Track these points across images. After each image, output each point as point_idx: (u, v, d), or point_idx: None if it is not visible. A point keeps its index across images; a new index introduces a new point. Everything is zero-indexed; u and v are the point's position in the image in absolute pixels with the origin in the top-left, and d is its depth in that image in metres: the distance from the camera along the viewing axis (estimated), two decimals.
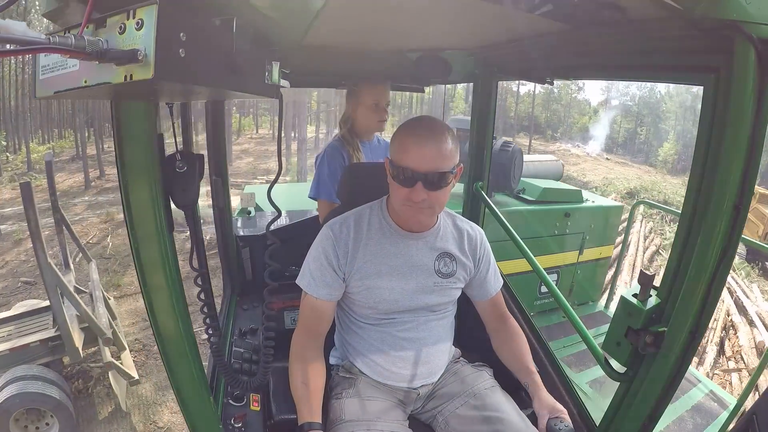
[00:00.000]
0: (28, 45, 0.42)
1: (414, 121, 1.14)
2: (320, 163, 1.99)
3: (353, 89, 1.98)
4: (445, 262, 1.23)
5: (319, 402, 1.10)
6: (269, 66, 0.66)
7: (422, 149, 1.05)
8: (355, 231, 1.19)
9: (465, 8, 1.16)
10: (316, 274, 1.16)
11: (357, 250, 1.17)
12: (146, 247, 0.81)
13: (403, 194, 1.09)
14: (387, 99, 1.97)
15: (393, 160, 1.10)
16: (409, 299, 1.19)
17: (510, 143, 3.59)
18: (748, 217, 4.90)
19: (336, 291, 1.18)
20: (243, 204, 3.69)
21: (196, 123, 1.67)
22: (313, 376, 1.12)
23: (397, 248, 1.19)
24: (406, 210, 1.12)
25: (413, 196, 1.07)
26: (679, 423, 2.64)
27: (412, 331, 1.20)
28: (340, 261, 1.16)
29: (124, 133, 0.73)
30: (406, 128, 1.11)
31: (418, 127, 1.10)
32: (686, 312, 0.96)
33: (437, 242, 1.23)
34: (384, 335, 1.20)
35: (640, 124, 36.15)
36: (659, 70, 1.10)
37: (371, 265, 1.17)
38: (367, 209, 1.25)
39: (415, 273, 1.19)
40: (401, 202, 1.11)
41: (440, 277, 1.21)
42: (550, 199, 3.51)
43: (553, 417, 1.09)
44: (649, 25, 1.00)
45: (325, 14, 0.65)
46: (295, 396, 1.09)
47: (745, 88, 0.81)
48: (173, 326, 0.87)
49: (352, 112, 2.01)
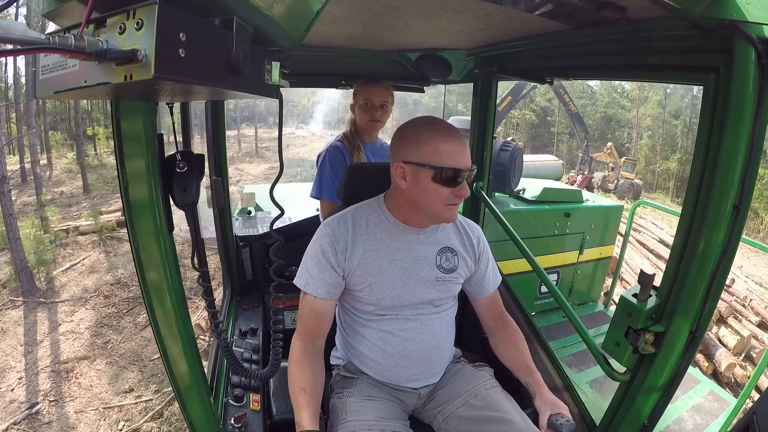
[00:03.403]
0: (28, 45, 0.42)
1: (432, 122, 1.13)
2: (322, 162, 1.99)
3: (355, 89, 1.98)
4: (447, 257, 1.22)
5: (317, 408, 1.09)
6: (269, 66, 0.66)
7: (460, 148, 1.09)
8: (354, 226, 1.18)
9: (465, 8, 1.16)
10: (315, 272, 1.15)
11: (356, 245, 1.16)
12: (146, 247, 0.81)
13: (447, 194, 1.09)
14: (382, 99, 1.92)
15: (433, 164, 1.07)
16: (411, 294, 1.18)
17: (510, 143, 3.59)
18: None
19: (335, 289, 1.17)
20: (243, 204, 3.70)
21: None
22: (312, 381, 1.10)
23: (398, 243, 1.18)
24: (448, 210, 1.12)
25: (462, 192, 1.10)
26: (679, 423, 2.64)
27: (414, 331, 1.19)
28: (338, 257, 1.15)
29: (124, 133, 0.73)
30: (433, 130, 1.10)
31: (444, 128, 1.11)
32: (686, 312, 0.96)
33: (438, 236, 1.23)
34: (386, 335, 1.19)
35: None
36: (659, 70, 1.10)
37: (372, 260, 1.16)
38: (365, 206, 1.23)
39: (416, 268, 1.18)
40: (445, 201, 1.10)
41: (442, 272, 1.20)
42: (550, 199, 3.50)
43: (555, 413, 1.09)
44: (649, 25, 1.00)
45: (325, 14, 0.66)
46: (293, 401, 1.08)
47: (745, 88, 0.81)
48: (173, 326, 0.87)
49: (352, 111, 2.02)
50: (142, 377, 4.58)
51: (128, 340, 5.28)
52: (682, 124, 25.49)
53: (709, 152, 0.90)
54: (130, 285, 6.61)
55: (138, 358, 4.91)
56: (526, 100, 26.58)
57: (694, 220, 0.94)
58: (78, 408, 4.13)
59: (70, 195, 12.57)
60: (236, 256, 1.95)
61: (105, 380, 4.55)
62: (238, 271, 1.96)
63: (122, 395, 4.30)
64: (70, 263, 7.30)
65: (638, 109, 27.00)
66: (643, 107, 26.84)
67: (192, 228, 0.95)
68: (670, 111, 26.01)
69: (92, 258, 7.57)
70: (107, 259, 7.54)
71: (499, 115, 13.12)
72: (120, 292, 6.44)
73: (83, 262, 7.41)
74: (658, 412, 1.07)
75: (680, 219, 0.98)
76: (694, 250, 0.93)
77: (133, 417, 3.99)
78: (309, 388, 1.08)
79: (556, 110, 28.17)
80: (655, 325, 1.01)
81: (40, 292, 6.33)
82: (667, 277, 1.01)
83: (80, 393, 4.35)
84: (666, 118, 25.81)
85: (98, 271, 7.08)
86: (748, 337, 4.98)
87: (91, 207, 10.64)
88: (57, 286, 6.57)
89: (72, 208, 10.94)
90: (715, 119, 0.88)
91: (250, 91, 0.63)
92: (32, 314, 5.84)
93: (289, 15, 0.61)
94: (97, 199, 11.99)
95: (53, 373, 4.63)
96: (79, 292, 6.41)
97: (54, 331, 5.47)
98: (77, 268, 7.23)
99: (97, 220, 8.71)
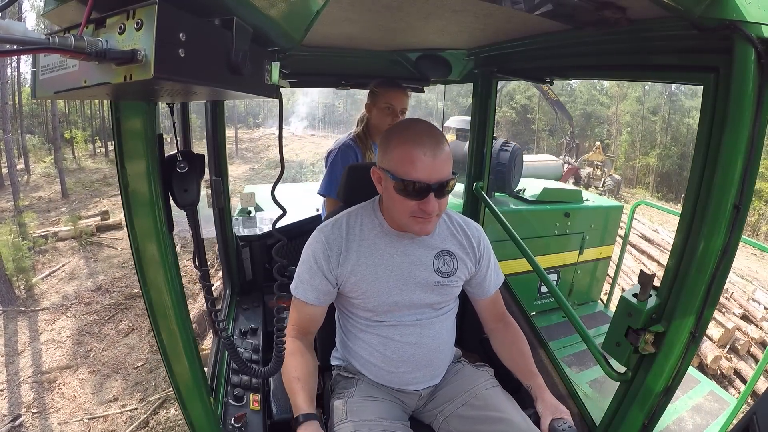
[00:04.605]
0: (28, 45, 0.42)
1: (407, 128, 1.06)
2: (332, 160, 2.00)
3: (373, 89, 1.98)
4: (445, 261, 1.19)
5: (312, 393, 1.10)
6: (269, 66, 0.65)
7: (431, 159, 0.99)
8: (348, 232, 1.16)
9: (465, 8, 1.16)
10: (305, 277, 1.14)
11: (350, 251, 1.14)
12: (146, 247, 0.81)
13: (411, 207, 1.03)
14: (402, 105, 1.95)
15: (395, 173, 1.02)
16: (409, 299, 1.16)
17: (510, 143, 3.59)
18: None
19: (324, 296, 1.16)
20: (243, 204, 3.70)
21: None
22: (305, 369, 1.12)
23: (393, 248, 1.16)
24: (415, 222, 1.06)
25: (427, 208, 1.02)
26: (679, 423, 2.64)
27: (414, 335, 1.18)
28: (331, 265, 1.13)
29: (124, 133, 0.73)
30: (403, 137, 1.03)
31: (417, 134, 1.02)
32: (686, 312, 0.96)
33: (434, 240, 1.20)
34: (386, 340, 1.18)
35: (337, 98, 36.55)
36: (659, 70, 1.10)
37: (366, 266, 1.14)
38: (360, 210, 1.21)
39: (413, 273, 1.16)
40: (409, 214, 1.05)
41: (440, 276, 1.18)
42: (550, 199, 3.50)
43: (557, 417, 1.09)
44: (649, 25, 1.00)
45: (325, 14, 0.66)
46: (288, 390, 1.09)
47: (745, 88, 0.81)
48: (173, 326, 0.87)
49: (368, 111, 2.02)
50: (126, 386, 4.53)
51: (111, 347, 5.22)
52: (660, 120, 25.58)
53: (709, 152, 0.90)
54: (111, 291, 6.53)
55: (121, 366, 4.86)
56: (506, 98, 26.51)
57: (694, 219, 0.94)
58: (62, 419, 4.09)
59: (48, 200, 12.39)
60: (236, 256, 1.95)
61: (88, 390, 4.50)
62: (238, 271, 1.96)
63: (106, 405, 4.26)
64: (49, 270, 7.22)
65: (617, 106, 27.06)
66: (622, 104, 26.91)
67: (193, 228, 0.95)
68: (649, 107, 26.03)
69: (72, 264, 7.50)
70: (87, 265, 7.46)
71: None
72: (101, 298, 6.36)
73: (63, 268, 7.34)
74: (658, 412, 1.07)
75: (680, 219, 0.98)
76: (694, 250, 0.93)
77: (119, 427, 3.96)
78: (303, 376, 1.10)
79: (536, 108, 28.15)
80: (655, 325, 1.01)
81: (20, 301, 6.25)
82: (667, 277, 1.01)
83: (64, 404, 4.30)
84: (645, 114, 25.84)
85: (78, 278, 7.01)
86: (732, 329, 5.01)
87: (70, 212, 10.52)
88: (37, 294, 6.49)
89: (50, 214, 10.81)
90: (715, 119, 0.88)
91: (250, 91, 0.63)
92: (12, 323, 5.75)
93: (288, 15, 0.61)
94: (75, 203, 11.84)
95: (35, 384, 4.58)
96: (59, 299, 6.33)
97: (35, 340, 5.40)
98: (57, 275, 7.14)
99: (76, 226, 8.62)
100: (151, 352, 5.09)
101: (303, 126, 32.06)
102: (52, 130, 15.48)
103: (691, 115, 24.59)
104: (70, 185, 13.23)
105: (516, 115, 28.79)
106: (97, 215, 9.80)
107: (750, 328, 5.12)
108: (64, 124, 18.60)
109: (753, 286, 6.28)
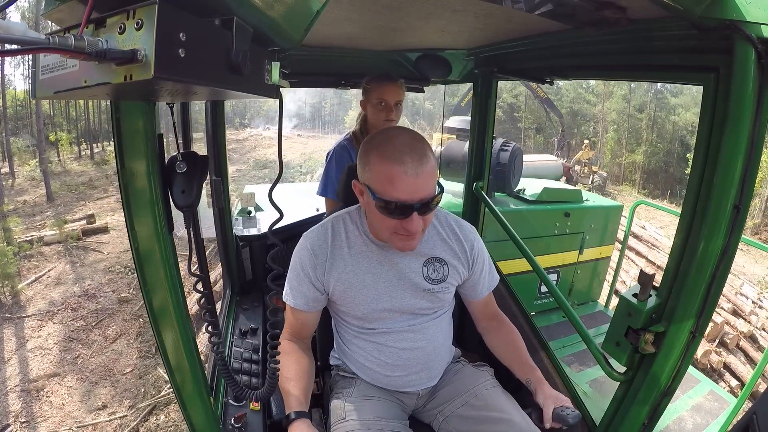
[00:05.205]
0: (28, 45, 0.42)
1: (387, 141, 0.97)
2: (329, 161, 1.99)
3: (364, 86, 1.94)
4: (435, 267, 1.15)
5: (306, 392, 1.09)
6: (269, 66, 0.65)
7: (413, 178, 0.91)
8: (333, 239, 1.13)
9: (465, 8, 1.16)
10: (294, 283, 1.14)
11: (335, 259, 1.12)
12: (146, 247, 0.81)
13: (394, 225, 0.97)
14: (396, 98, 1.90)
15: (375, 192, 0.95)
16: (399, 307, 1.14)
17: (510, 143, 3.59)
18: None
19: (314, 302, 1.15)
20: (243, 204, 3.69)
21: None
22: (297, 368, 1.12)
23: (380, 256, 1.13)
24: (398, 239, 1.01)
25: (410, 227, 0.96)
26: (679, 423, 2.64)
27: (409, 341, 1.16)
28: (317, 272, 1.11)
29: (124, 133, 0.73)
30: (383, 154, 0.94)
31: (397, 150, 0.93)
32: (686, 312, 0.96)
33: (422, 248, 1.14)
34: (381, 347, 1.17)
35: (324, 98, 36.28)
36: (659, 70, 1.10)
37: (353, 275, 1.11)
38: (347, 215, 1.17)
39: (402, 280, 1.13)
40: (390, 231, 1.00)
41: (430, 283, 1.14)
42: (550, 199, 3.50)
43: (559, 406, 1.08)
44: (649, 25, 1.00)
45: (325, 14, 0.66)
46: (282, 390, 1.09)
47: (745, 88, 0.81)
48: (173, 326, 0.87)
49: (363, 108, 1.99)
50: (115, 392, 4.46)
51: (98, 354, 5.14)
52: (646, 117, 25.66)
53: (709, 152, 0.90)
54: (97, 296, 6.41)
55: (110, 372, 4.79)
56: None
57: (694, 219, 0.94)
58: (51, 428, 4.03)
59: (33, 204, 12.09)
60: (236, 256, 1.95)
61: (77, 397, 4.43)
62: (238, 271, 1.96)
63: (96, 412, 4.19)
64: (35, 275, 7.08)
65: (603, 104, 27.07)
66: (609, 102, 26.94)
67: (191, 231, 0.93)
68: (635, 105, 26.06)
69: (58, 269, 7.35)
70: (73, 270, 7.30)
71: (464, 110, 12.49)
72: (88, 304, 6.24)
73: (49, 273, 7.19)
74: (658, 411, 1.07)
75: (680, 219, 0.98)
76: (694, 250, 0.93)
77: None
78: (295, 376, 1.10)
79: (522, 106, 28.09)
80: (655, 325, 1.01)
81: (6, 307, 6.13)
82: (667, 277, 1.01)
83: (52, 412, 4.23)
84: (631, 112, 25.87)
85: (65, 283, 6.88)
86: (721, 324, 5.01)
87: (56, 216, 10.32)
88: (23, 300, 6.36)
89: (36, 218, 10.59)
90: (715, 119, 0.88)
91: (250, 91, 0.63)
92: None
93: (288, 15, 0.61)
94: (61, 207, 11.59)
95: (23, 392, 4.50)
96: (45, 305, 6.21)
97: (22, 347, 5.30)
98: (43, 280, 7.00)
99: (62, 230, 8.42)
100: (139, 358, 5.01)
101: (290, 126, 31.78)
102: (36, 132, 15.00)
103: (677, 113, 24.68)
104: (55, 188, 12.95)
105: (503, 114, 28.73)
106: (83, 219, 9.57)
107: (739, 322, 5.14)
108: (49, 126, 18.16)
109: (740, 281, 6.29)
